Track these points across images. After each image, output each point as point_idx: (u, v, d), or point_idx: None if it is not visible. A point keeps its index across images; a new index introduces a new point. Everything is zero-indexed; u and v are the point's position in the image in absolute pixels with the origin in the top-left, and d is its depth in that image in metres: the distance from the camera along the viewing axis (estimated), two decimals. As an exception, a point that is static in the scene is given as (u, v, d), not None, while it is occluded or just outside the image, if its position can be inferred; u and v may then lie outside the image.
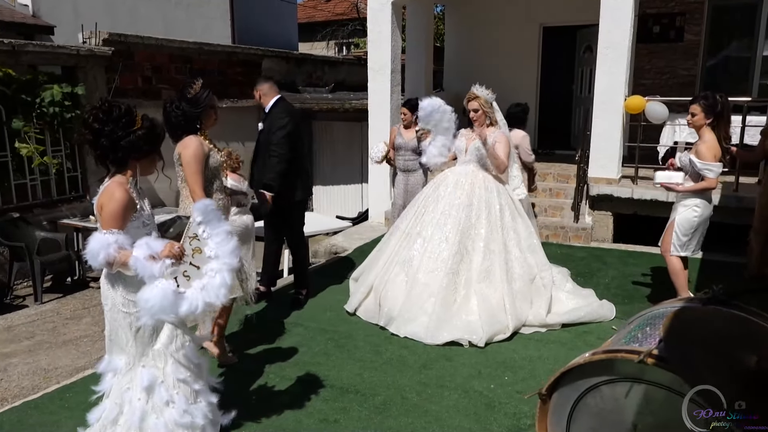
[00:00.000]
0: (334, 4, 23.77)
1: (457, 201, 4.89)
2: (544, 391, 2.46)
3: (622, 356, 2.20)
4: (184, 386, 2.82)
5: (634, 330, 2.53)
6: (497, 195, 4.94)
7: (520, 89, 9.88)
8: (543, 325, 4.70)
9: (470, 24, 10.78)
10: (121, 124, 2.67)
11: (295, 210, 5.32)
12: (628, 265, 6.37)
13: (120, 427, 2.75)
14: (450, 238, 4.79)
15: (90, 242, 2.58)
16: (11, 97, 7.15)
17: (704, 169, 4.39)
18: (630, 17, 6.96)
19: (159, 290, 2.56)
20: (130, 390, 2.75)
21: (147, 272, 2.56)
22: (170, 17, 12.22)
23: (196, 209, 2.78)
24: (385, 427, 3.44)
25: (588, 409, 2.35)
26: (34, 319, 6.32)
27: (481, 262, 4.76)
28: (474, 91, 4.97)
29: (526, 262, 4.87)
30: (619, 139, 7.23)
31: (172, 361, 2.79)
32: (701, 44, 9.40)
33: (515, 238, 4.91)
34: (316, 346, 4.49)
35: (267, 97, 5.22)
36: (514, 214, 4.99)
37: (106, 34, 8.35)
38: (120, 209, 2.62)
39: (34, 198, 7.75)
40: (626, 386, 2.22)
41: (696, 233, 4.59)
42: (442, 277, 4.68)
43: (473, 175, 4.97)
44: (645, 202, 7.02)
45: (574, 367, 2.35)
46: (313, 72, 12.49)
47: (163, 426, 2.73)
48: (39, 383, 4.71)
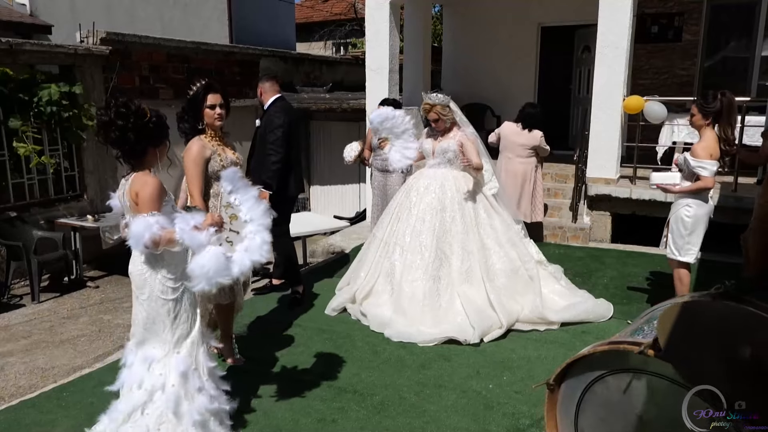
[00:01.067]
0: (331, 4, 23.75)
1: (430, 206, 4.89)
2: (553, 380, 2.48)
3: (624, 347, 2.23)
4: (213, 373, 2.99)
5: (643, 323, 2.54)
6: (470, 194, 4.93)
7: (517, 89, 9.90)
8: (541, 319, 4.69)
9: (468, 24, 10.78)
10: (138, 116, 2.77)
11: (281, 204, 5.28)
12: (627, 265, 6.37)
13: (149, 415, 2.78)
14: (427, 245, 4.80)
15: (132, 227, 2.67)
16: (9, 96, 7.12)
17: (697, 167, 4.27)
18: (629, 17, 6.97)
19: (212, 255, 2.70)
20: (163, 376, 2.81)
21: (196, 242, 2.69)
22: (167, 17, 12.19)
23: (225, 178, 3.06)
24: (383, 427, 3.43)
25: (596, 399, 2.38)
26: (31, 318, 6.31)
27: (460, 264, 4.78)
28: (427, 101, 4.90)
29: (507, 257, 4.88)
30: (617, 139, 7.23)
31: (203, 349, 2.95)
32: (700, 44, 9.42)
33: (492, 234, 4.92)
34: (314, 346, 4.48)
35: (267, 95, 5.24)
36: (489, 211, 4.99)
37: (103, 34, 8.33)
38: (156, 192, 2.75)
39: (32, 197, 7.71)
40: (629, 377, 2.24)
41: (692, 235, 4.42)
42: (424, 284, 4.70)
43: (443, 177, 4.96)
44: (643, 202, 7.02)
45: (581, 357, 2.37)
46: (310, 72, 12.48)
47: (196, 412, 2.83)
48: (36, 382, 4.69)
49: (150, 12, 11.80)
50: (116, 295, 7.14)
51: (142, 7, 11.68)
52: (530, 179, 6.81)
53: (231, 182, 3.06)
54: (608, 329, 4.59)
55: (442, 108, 4.91)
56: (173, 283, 2.82)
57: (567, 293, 5.06)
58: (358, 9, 20.98)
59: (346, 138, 11.18)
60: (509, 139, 6.79)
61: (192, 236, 2.68)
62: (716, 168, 4.31)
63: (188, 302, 2.91)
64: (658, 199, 6.80)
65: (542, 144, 6.68)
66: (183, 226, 2.69)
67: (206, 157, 3.68)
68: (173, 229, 2.68)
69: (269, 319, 5.04)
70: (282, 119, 5.03)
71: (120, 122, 2.74)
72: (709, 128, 4.39)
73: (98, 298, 7.06)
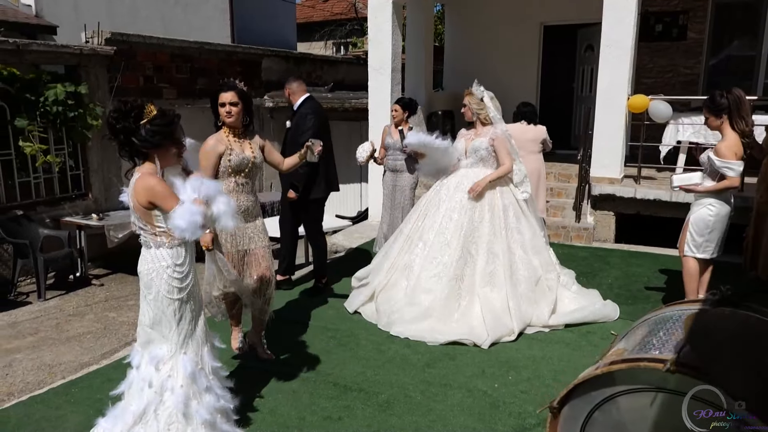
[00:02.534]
0: (332, 3, 23.76)
1: (459, 204, 4.84)
2: (556, 404, 2.36)
3: (645, 365, 2.09)
4: (218, 372, 3.02)
5: (645, 335, 2.44)
6: (500, 195, 4.88)
7: (520, 88, 9.89)
8: (545, 326, 4.69)
9: (470, 23, 10.78)
10: (131, 118, 2.76)
11: (312, 204, 5.52)
12: (631, 265, 6.38)
13: (160, 415, 2.80)
14: (452, 243, 4.74)
15: (176, 221, 2.67)
16: (15, 96, 7.16)
17: (724, 167, 4.26)
18: (633, 15, 6.97)
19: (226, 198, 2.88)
20: (172, 378, 2.83)
21: (212, 190, 2.83)
22: (169, 16, 12.21)
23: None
24: (388, 425, 3.44)
25: (602, 421, 2.24)
26: (38, 316, 6.34)
27: (484, 265, 4.71)
28: (470, 88, 4.95)
29: (530, 264, 4.81)
30: (621, 138, 7.23)
31: (208, 348, 2.98)
32: (704, 43, 9.40)
33: (519, 239, 4.85)
34: (319, 344, 4.50)
35: (295, 96, 5.38)
36: (518, 215, 4.92)
37: (108, 34, 8.35)
38: (163, 188, 2.76)
39: (38, 196, 7.75)
40: (648, 396, 2.11)
41: (713, 234, 4.42)
42: (445, 283, 4.65)
43: (475, 176, 4.89)
44: (648, 201, 7.02)
45: (589, 378, 2.23)
46: (312, 71, 12.49)
47: (205, 411, 2.85)
48: (44, 378, 4.73)
49: (151, 11, 11.82)
50: (121, 293, 7.18)
51: (144, 7, 11.71)
52: (543, 174, 6.85)
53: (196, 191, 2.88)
54: (614, 330, 4.58)
55: (475, 100, 4.90)
56: (179, 283, 2.83)
57: (576, 297, 5.00)
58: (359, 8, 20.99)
59: (347, 137, 11.21)
60: (518, 139, 6.76)
61: (207, 186, 2.81)
62: (742, 167, 4.31)
63: (194, 302, 2.93)
64: (662, 198, 6.80)
65: (547, 136, 6.72)
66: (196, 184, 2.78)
67: (219, 152, 3.76)
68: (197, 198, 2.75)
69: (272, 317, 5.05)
70: (312, 122, 5.19)
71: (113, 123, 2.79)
72: (728, 127, 4.37)
73: (103, 296, 7.09)
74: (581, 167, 7.30)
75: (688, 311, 2.39)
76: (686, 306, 2.56)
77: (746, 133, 4.35)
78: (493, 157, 4.89)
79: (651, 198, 6.98)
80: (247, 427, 3.37)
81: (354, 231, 8.31)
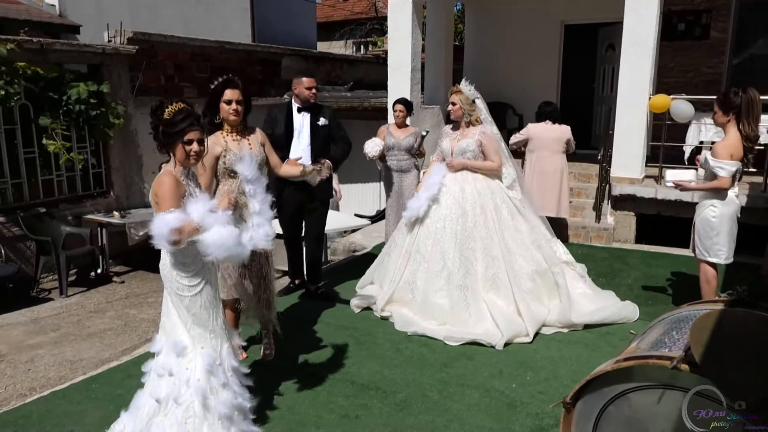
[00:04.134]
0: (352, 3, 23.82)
1: (451, 211, 4.74)
2: (569, 399, 2.38)
3: (653, 362, 2.14)
4: (237, 370, 3.05)
5: (659, 334, 2.46)
6: (491, 196, 4.77)
7: (540, 87, 9.83)
8: (567, 325, 4.64)
9: (490, 22, 10.72)
10: (156, 116, 2.90)
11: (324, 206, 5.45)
12: (651, 266, 6.31)
13: (180, 406, 2.83)
14: (449, 253, 4.67)
15: (153, 227, 2.72)
16: (39, 94, 7.28)
17: (716, 167, 4.22)
18: (655, 14, 6.89)
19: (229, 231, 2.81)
20: (189, 370, 2.86)
21: (218, 221, 2.80)
22: (190, 15, 12.32)
23: (243, 164, 3.26)
24: (406, 424, 3.44)
25: (614, 417, 2.28)
26: (60, 312, 6.44)
27: (484, 270, 4.65)
28: (458, 85, 4.84)
29: (532, 259, 4.74)
30: (642, 138, 7.15)
31: (227, 345, 3.02)
32: (728, 42, 9.26)
33: (518, 237, 4.76)
34: (336, 343, 4.50)
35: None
36: (513, 212, 4.82)
37: (130, 33, 8.45)
38: (170, 190, 2.81)
39: (60, 193, 7.88)
40: (657, 393, 2.15)
41: (720, 236, 4.35)
42: (451, 294, 4.61)
43: (462, 179, 4.81)
44: (669, 202, 6.93)
45: (600, 374, 2.27)
46: (332, 70, 12.52)
47: (223, 406, 2.87)
48: (65, 374, 4.79)
49: (173, 11, 11.94)
50: (141, 290, 7.26)
51: (166, 7, 11.83)
52: (566, 174, 6.82)
53: (248, 170, 3.25)
54: (634, 330, 4.55)
55: (466, 98, 4.79)
56: (188, 281, 2.87)
57: (595, 297, 4.95)
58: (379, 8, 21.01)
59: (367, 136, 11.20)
60: (541, 138, 6.75)
61: (212, 218, 2.79)
62: (735, 168, 4.23)
63: (207, 299, 2.94)
64: (684, 199, 6.71)
65: (571, 137, 6.70)
66: (197, 212, 2.78)
67: (216, 154, 3.65)
68: (191, 219, 2.74)
69: (290, 316, 5.08)
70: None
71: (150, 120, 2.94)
72: (733, 126, 4.29)
73: (124, 293, 7.18)
74: (602, 167, 7.23)
75: (702, 311, 2.38)
76: (702, 306, 2.57)
77: (750, 137, 4.24)
78: (481, 158, 4.82)
79: (672, 198, 6.89)
80: (265, 424, 3.38)
81: (372, 230, 8.32)
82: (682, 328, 2.39)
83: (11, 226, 7.14)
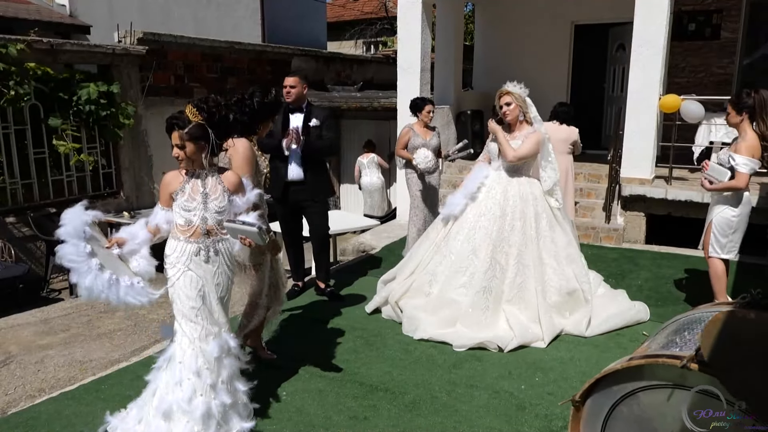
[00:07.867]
0: (362, 3, 23.80)
1: (489, 211, 4.64)
2: (578, 397, 2.39)
3: (663, 361, 2.15)
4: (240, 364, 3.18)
5: (671, 334, 2.46)
6: (533, 202, 4.66)
7: (550, 88, 9.78)
8: (580, 334, 4.57)
9: (500, 22, 10.70)
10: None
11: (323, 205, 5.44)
12: (662, 267, 6.27)
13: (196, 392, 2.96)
14: (480, 252, 4.56)
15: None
16: (49, 95, 7.32)
17: (741, 163, 4.25)
18: (666, 14, 6.86)
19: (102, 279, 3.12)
20: (199, 358, 3.01)
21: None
22: (201, 16, 12.37)
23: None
24: (414, 425, 3.43)
25: (623, 416, 2.29)
26: (70, 312, 6.46)
27: (514, 277, 4.54)
28: (506, 87, 4.69)
29: (563, 274, 4.62)
30: (653, 138, 7.11)
31: (233, 338, 3.16)
32: (738, 42, 9.20)
33: (552, 249, 4.64)
34: (345, 344, 4.50)
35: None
36: (551, 223, 4.70)
37: (140, 34, 8.49)
38: (162, 188, 3.18)
39: (70, 194, 7.92)
40: (666, 393, 2.16)
41: (736, 234, 4.48)
42: (473, 294, 4.50)
43: (506, 182, 4.69)
44: (679, 203, 6.90)
45: (610, 373, 2.28)
46: (341, 71, 12.54)
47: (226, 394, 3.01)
48: (75, 375, 4.81)
49: (184, 11, 11.99)
50: (151, 291, 7.27)
51: (176, 7, 11.87)
52: (572, 175, 6.78)
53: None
54: (645, 331, 4.52)
55: (519, 97, 4.65)
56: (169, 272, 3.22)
57: (607, 302, 4.85)
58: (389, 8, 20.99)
59: (376, 137, 11.23)
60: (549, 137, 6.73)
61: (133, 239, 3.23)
62: (758, 166, 4.32)
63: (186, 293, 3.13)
64: (694, 200, 6.68)
65: (578, 139, 6.66)
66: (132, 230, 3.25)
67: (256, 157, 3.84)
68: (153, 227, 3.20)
69: (299, 316, 5.08)
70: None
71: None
72: (748, 126, 4.34)
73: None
74: (611, 168, 7.20)
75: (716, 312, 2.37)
76: (716, 308, 2.56)
77: (766, 135, 4.31)
78: (530, 162, 4.71)
79: (682, 199, 6.85)
80: (273, 425, 3.38)
81: (382, 230, 8.31)
82: (694, 329, 2.40)
83: (21, 227, 7.19)
